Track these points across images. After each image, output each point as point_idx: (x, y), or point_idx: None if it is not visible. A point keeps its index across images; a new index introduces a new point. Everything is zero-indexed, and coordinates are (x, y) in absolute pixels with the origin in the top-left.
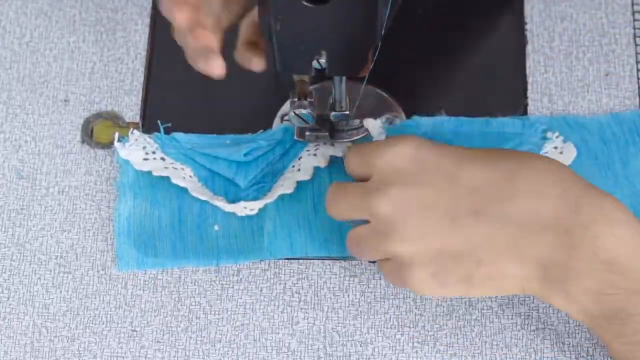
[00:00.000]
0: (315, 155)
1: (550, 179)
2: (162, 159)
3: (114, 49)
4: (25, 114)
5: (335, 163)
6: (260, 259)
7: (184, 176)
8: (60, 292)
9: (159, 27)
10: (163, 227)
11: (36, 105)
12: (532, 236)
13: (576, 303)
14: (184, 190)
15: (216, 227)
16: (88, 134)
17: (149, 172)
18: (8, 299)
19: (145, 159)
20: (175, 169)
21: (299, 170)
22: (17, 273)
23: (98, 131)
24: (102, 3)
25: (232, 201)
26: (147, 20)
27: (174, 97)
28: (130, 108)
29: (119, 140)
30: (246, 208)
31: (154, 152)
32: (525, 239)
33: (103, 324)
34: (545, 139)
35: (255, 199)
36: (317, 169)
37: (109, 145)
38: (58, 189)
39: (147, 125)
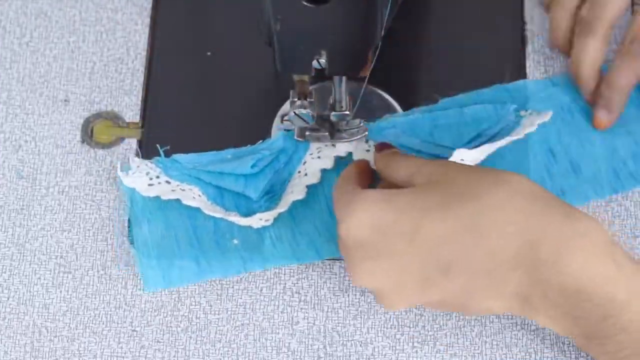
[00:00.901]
0: (319, 157)
1: (511, 215)
2: (167, 182)
3: (114, 49)
4: (25, 114)
5: (341, 163)
6: (289, 264)
7: (193, 196)
8: (60, 292)
9: (159, 27)
10: (182, 247)
11: (36, 105)
12: (502, 277)
13: (559, 325)
14: (195, 210)
15: (235, 242)
16: (88, 134)
17: (157, 197)
18: (8, 299)
19: (151, 185)
20: (183, 190)
21: (305, 174)
22: (17, 273)
23: (98, 131)
24: (102, 3)
25: (245, 214)
26: (147, 20)
27: (174, 97)
28: (130, 108)
29: (121, 170)
30: (261, 219)
31: (157, 177)
32: (497, 281)
33: (103, 324)
34: (519, 117)
35: (268, 209)
36: (324, 171)
37: (109, 145)
38: (58, 189)
39: (147, 125)
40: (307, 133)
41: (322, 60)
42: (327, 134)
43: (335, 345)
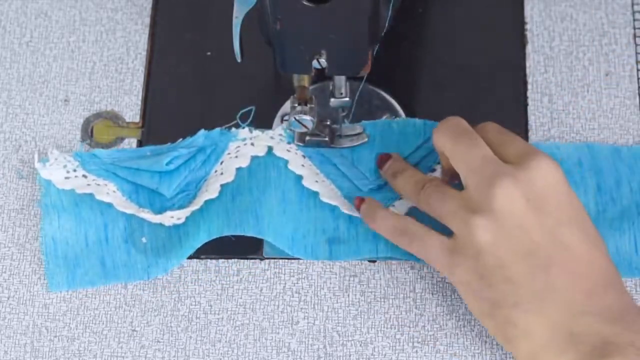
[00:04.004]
0: (237, 157)
1: (619, 282)
2: (84, 176)
3: (114, 49)
4: (25, 114)
5: (256, 162)
6: (184, 256)
7: (107, 192)
8: (60, 292)
9: (159, 27)
10: (90, 245)
11: (36, 105)
12: (579, 316)
13: None
14: (109, 206)
15: (144, 240)
16: (88, 134)
17: (72, 191)
18: (8, 299)
19: (67, 178)
20: (98, 185)
21: (221, 174)
22: (17, 273)
23: (98, 131)
24: (102, 3)
25: (158, 212)
26: (147, 20)
27: (174, 97)
28: (130, 108)
29: (39, 161)
30: (173, 217)
31: (74, 170)
32: (575, 318)
33: (103, 324)
34: None
35: (181, 207)
36: (238, 170)
37: (109, 145)
38: None
39: (147, 125)
40: (307, 138)
41: (322, 60)
42: (327, 139)
43: (335, 345)
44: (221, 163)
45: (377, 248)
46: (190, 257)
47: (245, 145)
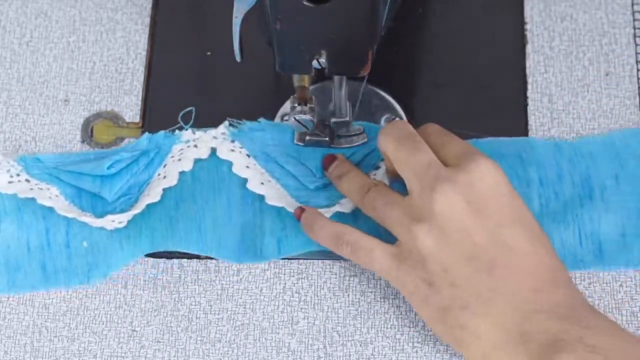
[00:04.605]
0: (180, 160)
1: (567, 278)
2: (27, 180)
3: (114, 49)
4: (25, 114)
5: (199, 165)
6: (125, 262)
7: (49, 196)
8: (60, 292)
9: (159, 27)
10: (32, 250)
11: (36, 105)
12: (528, 315)
13: None
14: (51, 210)
15: (85, 244)
16: (88, 134)
17: (15, 195)
18: (8, 299)
19: (10, 182)
20: (41, 189)
21: (164, 177)
22: None
23: (98, 131)
24: (102, 3)
25: (100, 216)
26: (147, 20)
27: (174, 97)
28: (130, 108)
29: None
30: (114, 221)
31: (18, 175)
32: (524, 317)
33: (103, 324)
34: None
35: (122, 211)
36: (181, 173)
37: (109, 145)
38: None
39: (147, 125)
40: (306, 138)
41: (322, 60)
42: (327, 139)
43: (335, 345)
44: (164, 166)
45: None
46: (190, 257)
47: (188, 147)
